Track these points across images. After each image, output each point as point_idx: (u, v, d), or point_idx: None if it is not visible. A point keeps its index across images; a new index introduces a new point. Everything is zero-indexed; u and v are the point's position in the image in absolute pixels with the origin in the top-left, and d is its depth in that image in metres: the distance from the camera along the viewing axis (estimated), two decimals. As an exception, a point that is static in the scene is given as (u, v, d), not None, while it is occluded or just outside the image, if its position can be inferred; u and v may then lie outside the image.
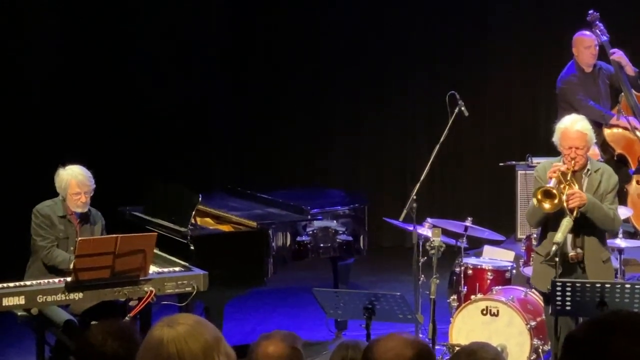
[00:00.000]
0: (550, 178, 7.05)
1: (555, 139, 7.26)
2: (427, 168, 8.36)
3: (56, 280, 7.26)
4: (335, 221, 9.17)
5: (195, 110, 12.31)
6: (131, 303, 7.34)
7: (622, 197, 9.31)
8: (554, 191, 6.97)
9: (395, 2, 12.10)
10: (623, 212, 8.90)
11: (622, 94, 10.15)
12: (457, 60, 11.79)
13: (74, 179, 7.74)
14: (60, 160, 7.96)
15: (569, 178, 7.06)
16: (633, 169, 9.94)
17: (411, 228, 8.29)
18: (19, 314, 7.44)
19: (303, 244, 8.88)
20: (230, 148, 12.50)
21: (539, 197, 7.02)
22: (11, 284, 7.15)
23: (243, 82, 12.54)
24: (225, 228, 8.67)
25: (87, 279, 7.14)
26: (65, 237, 7.82)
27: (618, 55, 10.05)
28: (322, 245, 9.02)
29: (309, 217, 8.96)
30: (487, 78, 11.68)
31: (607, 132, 9.93)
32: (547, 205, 7.02)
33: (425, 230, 8.34)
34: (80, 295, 7.17)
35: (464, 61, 11.76)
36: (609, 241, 7.69)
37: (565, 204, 7.02)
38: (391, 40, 12.10)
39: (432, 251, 8.17)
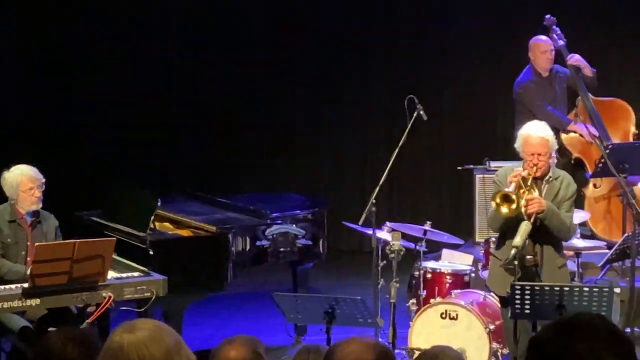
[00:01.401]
0: (511, 183, 7.10)
1: (518, 145, 7.31)
2: (386, 172, 8.36)
3: (12, 286, 7.16)
4: (294, 225, 9.16)
5: (153, 114, 12.23)
6: (89, 309, 7.26)
7: (579, 201, 9.34)
8: (513, 196, 7.03)
9: (356, 6, 12.08)
10: (580, 216, 8.98)
11: (579, 98, 10.21)
12: (417, 65, 11.82)
13: (24, 176, 7.71)
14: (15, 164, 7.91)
15: (529, 184, 7.13)
16: (590, 172, 10.01)
17: (370, 232, 8.29)
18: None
19: (263, 248, 8.87)
20: (189, 151, 12.43)
21: (498, 201, 7.08)
22: (-35, 291, 7.07)
23: (201, 86, 12.47)
24: (185, 233, 8.63)
25: (44, 285, 7.05)
26: (15, 242, 7.76)
27: (575, 59, 10.12)
28: (281, 249, 9.02)
29: (269, 221, 8.95)
30: (445, 83, 11.72)
31: (564, 136, 9.99)
32: (505, 210, 7.08)
33: (384, 234, 8.35)
34: (38, 301, 7.10)
35: (423, 66, 11.80)
36: (567, 242, 7.73)
37: (523, 209, 7.06)
38: (351, 44, 12.11)
39: (392, 255, 8.18)
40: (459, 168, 10.62)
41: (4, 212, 7.81)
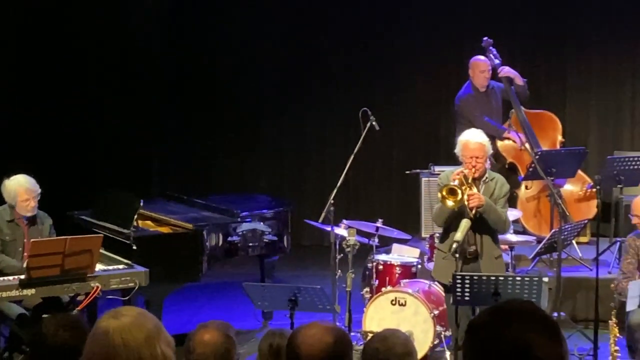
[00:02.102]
0: (454, 180, 7.18)
1: (458, 150, 7.41)
2: (342, 175, 8.38)
3: (10, 278, 7.15)
4: (262, 223, 9.18)
5: (136, 122, 12.13)
6: (79, 297, 7.27)
7: (513, 201, 9.40)
8: (457, 189, 7.11)
9: (317, 25, 12.06)
10: (514, 214, 9.04)
11: (513, 109, 10.27)
12: (371, 80, 11.83)
13: (21, 188, 7.71)
14: (10, 169, 7.90)
15: (469, 182, 7.19)
16: (522, 176, 10.06)
17: (329, 228, 8.30)
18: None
19: (233, 243, 8.88)
20: (168, 156, 12.37)
21: (444, 193, 7.18)
22: (-32, 282, 7.08)
23: (177, 96, 12.41)
24: (164, 230, 8.63)
25: (39, 277, 7.05)
26: (13, 239, 7.77)
27: (505, 71, 10.20)
28: (250, 244, 9.04)
29: (239, 219, 8.98)
30: (395, 96, 11.74)
31: (499, 144, 10.06)
32: (450, 202, 7.18)
33: (341, 231, 8.37)
34: (33, 291, 7.10)
35: (377, 81, 11.80)
36: (502, 237, 7.78)
37: (466, 203, 7.13)
38: (313, 61, 12.08)
39: (348, 249, 8.23)
40: (407, 172, 10.64)
41: (3, 212, 7.82)
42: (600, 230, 9.97)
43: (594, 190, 10.06)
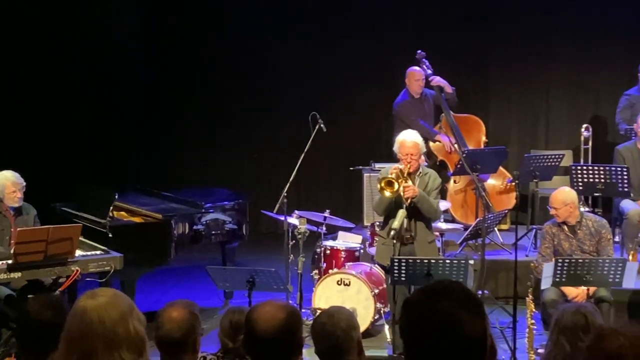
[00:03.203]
0: (392, 173, 7.24)
1: (395, 148, 7.47)
2: (294, 171, 8.38)
3: None
4: (223, 213, 9.17)
5: (113, 124, 12.01)
6: (61, 280, 7.23)
7: (443, 193, 9.45)
8: (394, 182, 7.17)
9: (272, 29, 12.02)
10: (444, 205, 9.11)
11: (443, 114, 10.34)
12: (319, 87, 11.82)
13: (8, 182, 7.69)
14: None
15: (405, 175, 7.24)
16: (451, 171, 10.13)
17: (282, 218, 8.31)
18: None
19: (198, 231, 8.86)
20: (141, 155, 12.27)
21: (383, 185, 7.25)
22: (-40, 267, 7.02)
23: (148, 98, 12.30)
24: (137, 219, 8.59)
25: (24, 262, 7.02)
26: (1, 228, 7.74)
27: (436, 80, 10.27)
28: (213, 232, 9.03)
29: (203, 210, 8.96)
30: (341, 101, 11.73)
31: (432, 144, 10.12)
32: (387, 193, 7.25)
33: (293, 220, 8.37)
34: (19, 274, 7.08)
35: (324, 88, 11.78)
36: (433, 224, 7.83)
37: (402, 194, 7.18)
38: (268, 68, 12.03)
39: (299, 236, 8.24)
40: (351, 168, 10.68)
41: None
42: (519, 218, 10.01)
43: (513, 184, 10.15)
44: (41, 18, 11.58)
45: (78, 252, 7.32)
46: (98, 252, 7.54)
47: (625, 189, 8.87)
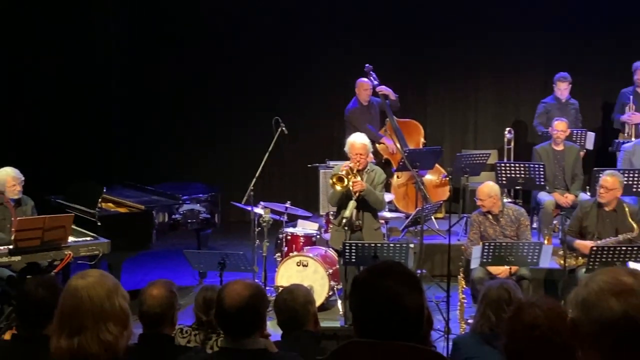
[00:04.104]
0: (342, 170, 7.25)
1: (346, 148, 7.48)
2: (260, 167, 8.38)
3: (1, 248, 7.06)
4: (198, 204, 9.14)
5: (99, 122, 11.84)
6: (55, 263, 7.17)
7: (388, 187, 9.50)
8: (344, 177, 7.19)
9: (245, 44, 11.90)
10: (388, 197, 9.14)
11: (388, 119, 10.38)
12: (281, 92, 11.76)
13: (9, 176, 7.62)
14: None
15: (354, 173, 7.25)
16: (395, 168, 10.17)
17: (249, 208, 8.29)
18: (-26, 272, 7.19)
19: (176, 220, 8.85)
20: (126, 153, 12.12)
21: (334, 180, 7.25)
22: (-34, 251, 6.96)
23: (129, 101, 12.15)
24: (122, 210, 8.53)
25: (24, 247, 6.98)
26: (3, 218, 7.63)
27: (382, 88, 10.31)
28: (189, 221, 9.02)
29: (180, 201, 8.93)
30: (301, 106, 11.69)
31: (378, 145, 10.14)
32: (338, 187, 7.29)
33: (259, 210, 8.36)
34: (19, 258, 7.03)
35: (285, 94, 11.74)
36: (379, 213, 7.86)
37: (351, 188, 7.20)
38: (234, 76, 11.94)
39: (264, 224, 8.23)
40: (309, 165, 10.67)
41: None
42: (452, 208, 10.15)
43: (447, 178, 10.24)
44: (35, 17, 11.26)
45: (70, 239, 7.28)
46: (88, 239, 7.49)
47: (542, 183, 8.97)
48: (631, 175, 8.42)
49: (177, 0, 12.16)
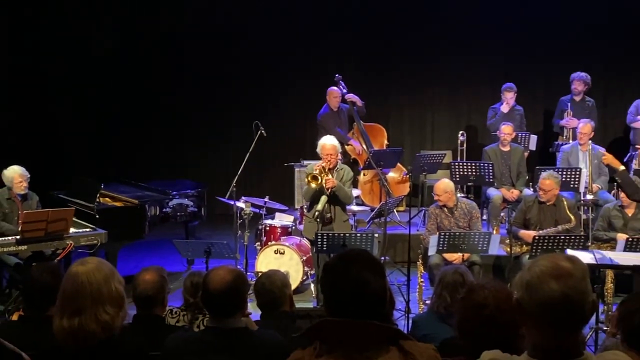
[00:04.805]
0: (316, 169, 7.24)
1: (318, 150, 7.49)
2: (242, 166, 8.36)
3: (9, 238, 7.03)
4: (186, 199, 9.10)
5: (98, 124, 11.71)
6: (58, 251, 7.14)
7: (355, 183, 9.50)
8: (318, 176, 7.19)
9: (226, 52, 11.79)
10: (355, 192, 9.15)
11: (355, 123, 10.39)
12: (260, 97, 11.68)
13: (16, 174, 7.61)
14: (7, 162, 7.81)
15: (326, 171, 7.26)
16: (361, 167, 10.18)
17: (232, 202, 8.27)
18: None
19: (167, 213, 8.81)
20: (123, 152, 11.98)
21: (309, 178, 7.24)
22: (-19, 242, 6.91)
23: (128, 104, 11.98)
24: (118, 204, 8.47)
25: (29, 237, 6.94)
26: (11, 211, 7.64)
27: (350, 96, 10.32)
28: (178, 214, 8.98)
29: (170, 196, 8.88)
30: (279, 110, 11.65)
31: (346, 147, 10.16)
32: (313, 185, 7.26)
33: (241, 204, 8.34)
34: (25, 247, 7.00)
35: (267, 100, 11.68)
36: (348, 207, 7.87)
37: (324, 185, 7.20)
38: (219, 84, 11.88)
39: (245, 216, 8.22)
40: (286, 164, 10.68)
41: (3, 193, 7.72)
42: (412, 202, 10.16)
43: (408, 176, 10.27)
44: (38, 18, 11.10)
45: (72, 230, 7.24)
46: (87, 230, 7.45)
47: (491, 180, 9.03)
48: (568, 173, 8.51)
49: (171, 6, 11.91)
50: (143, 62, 11.81)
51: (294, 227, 8.67)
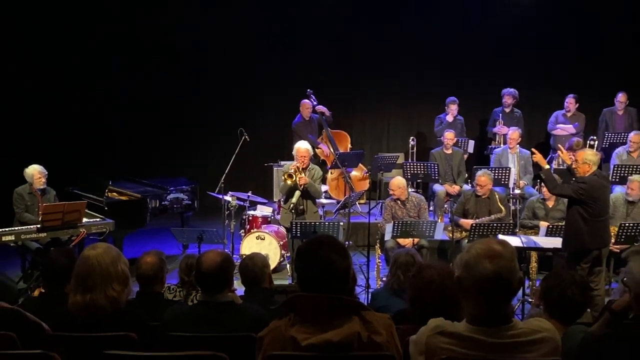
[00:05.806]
0: (291, 169, 7.22)
1: (293, 152, 7.49)
2: (229, 165, 8.32)
3: (32, 226, 6.94)
4: (182, 194, 9.03)
5: (109, 129, 11.45)
6: (73, 238, 7.06)
7: (324, 180, 9.49)
8: (293, 174, 7.16)
9: (214, 61, 11.65)
10: (324, 188, 9.15)
11: (324, 130, 10.38)
12: (244, 105, 11.58)
13: (35, 171, 7.52)
14: (26, 161, 7.71)
15: (300, 170, 7.24)
16: (329, 166, 10.18)
17: (221, 196, 8.23)
18: (11, 244, 6.99)
19: (165, 205, 8.74)
20: (128, 152, 11.80)
21: (285, 177, 7.21)
22: (6, 229, 6.86)
23: (129, 106, 11.66)
24: (124, 198, 8.36)
25: (48, 226, 6.87)
26: (32, 204, 7.51)
27: (320, 108, 10.32)
28: (175, 206, 8.90)
29: (168, 191, 8.80)
30: (259, 119, 11.55)
31: (317, 150, 10.15)
32: (289, 182, 7.23)
33: (228, 197, 8.31)
34: (45, 234, 6.93)
35: (249, 110, 11.59)
36: (318, 200, 7.86)
37: (298, 182, 7.18)
38: (213, 88, 11.75)
39: (232, 208, 8.17)
40: (265, 164, 10.65)
41: (25, 188, 7.59)
42: (371, 196, 10.20)
43: (368, 174, 10.30)
44: (47, 23, 10.72)
45: (84, 220, 7.17)
46: (97, 219, 7.38)
47: (436, 177, 9.10)
48: (500, 172, 8.60)
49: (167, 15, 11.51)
50: (145, 74, 11.56)
51: (272, 217, 8.65)
